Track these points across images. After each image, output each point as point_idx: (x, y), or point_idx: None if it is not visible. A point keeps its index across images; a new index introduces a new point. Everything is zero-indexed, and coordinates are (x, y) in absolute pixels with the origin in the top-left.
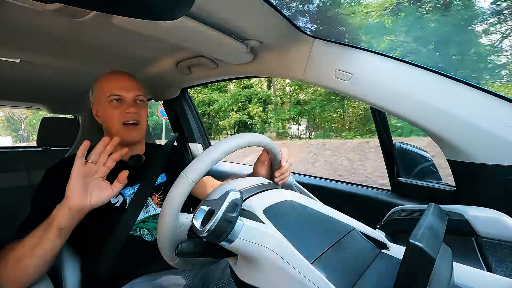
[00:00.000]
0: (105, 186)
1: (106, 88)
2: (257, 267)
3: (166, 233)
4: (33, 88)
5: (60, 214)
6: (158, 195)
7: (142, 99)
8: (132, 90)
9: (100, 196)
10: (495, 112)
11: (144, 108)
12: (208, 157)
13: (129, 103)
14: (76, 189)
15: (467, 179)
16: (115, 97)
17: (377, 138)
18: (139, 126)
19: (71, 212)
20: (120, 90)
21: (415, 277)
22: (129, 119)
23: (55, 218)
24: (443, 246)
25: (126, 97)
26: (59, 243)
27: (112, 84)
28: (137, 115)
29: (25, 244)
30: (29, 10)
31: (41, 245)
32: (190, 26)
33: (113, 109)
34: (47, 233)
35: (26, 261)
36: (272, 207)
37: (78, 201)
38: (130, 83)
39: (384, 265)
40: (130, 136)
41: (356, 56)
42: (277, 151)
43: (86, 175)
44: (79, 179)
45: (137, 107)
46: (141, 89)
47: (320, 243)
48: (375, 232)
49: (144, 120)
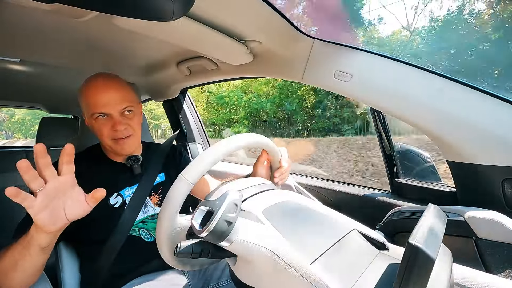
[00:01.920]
0: (78, 199)
1: (90, 106)
2: (256, 267)
3: (165, 234)
4: (32, 88)
5: (38, 236)
6: (157, 195)
7: (130, 109)
8: (116, 104)
9: (74, 211)
10: (495, 113)
11: (135, 117)
12: (207, 158)
13: (115, 120)
14: (45, 215)
15: (467, 180)
16: (100, 114)
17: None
18: (132, 137)
19: (49, 234)
20: (103, 107)
21: (414, 278)
22: (119, 136)
23: (34, 238)
24: (443, 247)
25: (112, 113)
26: (43, 258)
27: (94, 100)
28: (126, 130)
29: (6, 259)
30: (29, 10)
31: (23, 262)
32: (190, 26)
33: (101, 126)
34: (28, 251)
35: (12, 274)
36: (272, 208)
37: (51, 224)
38: (113, 96)
39: (383, 266)
40: (123, 149)
41: (356, 57)
42: (277, 151)
43: (47, 197)
44: (42, 204)
45: (126, 120)
46: (127, 98)
47: (319, 244)
48: (375, 232)
49: (136, 130)
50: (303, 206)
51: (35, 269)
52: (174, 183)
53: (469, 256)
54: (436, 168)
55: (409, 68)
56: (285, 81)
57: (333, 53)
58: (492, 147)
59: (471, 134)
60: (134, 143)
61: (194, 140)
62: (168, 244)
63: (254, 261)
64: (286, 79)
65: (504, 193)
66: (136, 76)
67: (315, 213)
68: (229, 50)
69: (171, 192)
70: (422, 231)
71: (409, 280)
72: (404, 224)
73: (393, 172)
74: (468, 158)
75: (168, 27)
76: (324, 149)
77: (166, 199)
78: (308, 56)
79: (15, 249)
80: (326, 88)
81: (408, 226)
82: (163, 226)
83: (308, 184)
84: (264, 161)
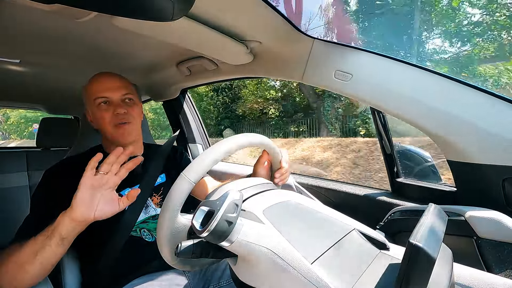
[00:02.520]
0: (112, 198)
1: (92, 92)
2: (257, 267)
3: (166, 234)
4: (32, 89)
5: (63, 223)
6: (158, 195)
7: (131, 97)
8: (118, 90)
9: (105, 209)
10: (495, 112)
11: (134, 106)
12: (208, 158)
13: (116, 104)
14: (83, 202)
15: (467, 179)
16: (102, 100)
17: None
18: (132, 125)
19: (73, 223)
20: (105, 91)
21: (415, 278)
22: (119, 120)
23: (58, 227)
24: (443, 246)
25: (112, 97)
26: (61, 251)
27: (96, 86)
28: (127, 115)
29: (26, 250)
30: (29, 11)
31: (42, 253)
32: (190, 27)
33: (103, 112)
34: (50, 241)
35: (27, 266)
36: (272, 208)
37: (82, 214)
38: (115, 83)
39: (384, 265)
40: (123, 136)
41: (356, 57)
42: (277, 152)
43: (95, 186)
44: (88, 191)
45: (126, 106)
46: (129, 88)
47: (320, 244)
48: (375, 232)
49: (136, 119)
50: (304, 206)
51: (51, 262)
52: (176, 181)
53: (469, 255)
54: (436, 167)
55: (409, 68)
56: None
57: (333, 53)
58: (492, 146)
59: (472, 133)
60: (134, 132)
61: (194, 140)
62: (169, 244)
63: (255, 261)
64: (286, 79)
65: (504, 192)
66: (136, 76)
67: (316, 213)
68: (229, 50)
69: (172, 191)
70: (423, 231)
71: (409, 280)
72: (405, 224)
73: (394, 171)
74: (469, 158)
75: (168, 28)
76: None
77: (167, 197)
78: (308, 56)
79: (36, 240)
80: (326, 88)
81: (409, 225)
82: (164, 225)
83: (308, 184)
84: (265, 161)
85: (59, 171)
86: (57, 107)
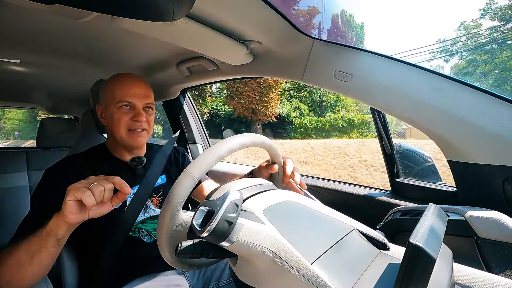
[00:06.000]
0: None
1: (117, 94)
2: (257, 267)
3: (167, 230)
4: (32, 89)
5: (58, 225)
6: (157, 196)
7: (151, 106)
8: (143, 98)
9: (98, 209)
10: (495, 113)
11: (152, 114)
12: (212, 154)
13: (138, 111)
14: (72, 209)
15: (467, 179)
16: (125, 103)
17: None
18: (146, 132)
19: (69, 225)
20: (131, 97)
21: (415, 278)
22: (137, 127)
23: (53, 229)
24: (443, 246)
25: (136, 104)
26: (57, 251)
27: (124, 90)
28: (145, 123)
29: (23, 251)
30: (30, 11)
31: (39, 254)
32: (190, 27)
33: (122, 114)
34: (46, 243)
35: (26, 267)
36: (272, 208)
37: (74, 219)
38: (143, 91)
39: (384, 265)
40: (136, 141)
41: (356, 57)
42: (278, 153)
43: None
44: (75, 201)
45: (146, 115)
46: (151, 96)
47: (320, 244)
48: (375, 232)
49: (151, 127)
50: (304, 206)
51: (48, 261)
52: (179, 178)
53: (469, 255)
54: (436, 167)
55: (409, 67)
56: None
57: (333, 53)
58: (492, 146)
59: (472, 133)
60: (145, 139)
61: (194, 140)
62: (169, 242)
63: (255, 261)
64: (286, 79)
65: (504, 192)
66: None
67: (316, 213)
68: (229, 50)
69: (175, 187)
70: (423, 231)
71: (409, 280)
72: (405, 224)
73: (394, 171)
74: (469, 158)
75: (169, 28)
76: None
77: (170, 193)
78: (308, 56)
79: (32, 240)
80: (326, 88)
81: (409, 225)
82: (165, 221)
83: (309, 184)
84: (265, 172)
85: (60, 170)
86: (57, 107)
